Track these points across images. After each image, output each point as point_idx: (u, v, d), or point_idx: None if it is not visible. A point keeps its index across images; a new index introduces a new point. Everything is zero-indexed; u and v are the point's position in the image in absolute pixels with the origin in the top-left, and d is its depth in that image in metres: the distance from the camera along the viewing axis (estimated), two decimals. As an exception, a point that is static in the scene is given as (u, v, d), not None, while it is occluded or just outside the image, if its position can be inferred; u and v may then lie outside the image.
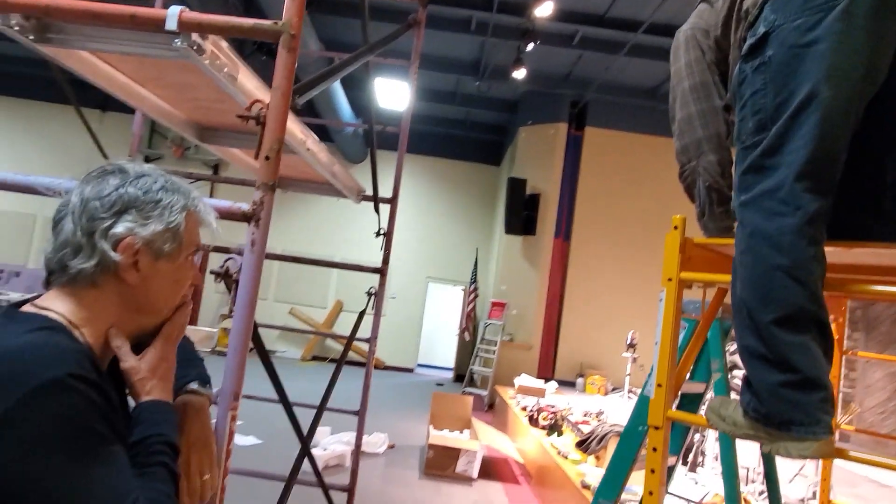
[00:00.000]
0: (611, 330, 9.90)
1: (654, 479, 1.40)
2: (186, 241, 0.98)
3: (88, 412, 0.78)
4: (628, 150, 10.54)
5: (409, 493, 4.98)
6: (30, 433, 0.73)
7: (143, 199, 0.93)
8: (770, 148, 1.20)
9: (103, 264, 0.90)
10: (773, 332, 1.14)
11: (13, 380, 0.75)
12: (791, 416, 1.15)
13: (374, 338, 3.17)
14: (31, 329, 0.83)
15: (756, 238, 1.19)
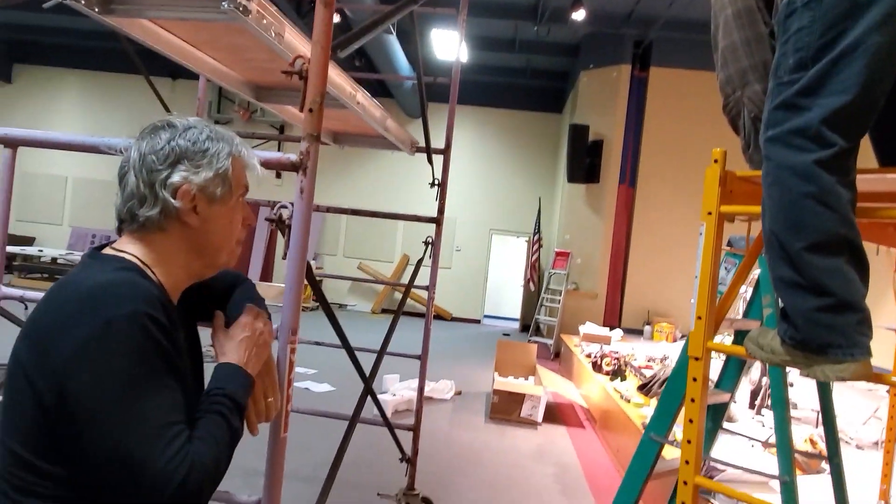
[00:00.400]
0: (679, 276, 9.70)
1: (694, 408, 1.44)
2: (235, 184, 1.07)
3: (152, 347, 0.89)
4: (696, 89, 10.06)
5: (475, 436, 5.17)
6: (100, 357, 0.85)
7: (193, 150, 1.02)
8: (806, 88, 1.16)
9: (166, 211, 1.00)
10: (806, 258, 1.14)
11: (95, 311, 0.87)
12: (829, 340, 1.16)
13: (433, 285, 3.28)
14: (112, 269, 0.95)
15: (783, 170, 1.18)
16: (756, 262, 1.72)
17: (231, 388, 1.02)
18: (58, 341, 0.86)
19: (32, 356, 0.88)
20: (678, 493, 1.47)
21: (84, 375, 0.84)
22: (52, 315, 0.90)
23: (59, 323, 0.88)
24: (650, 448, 2.11)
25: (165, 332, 0.91)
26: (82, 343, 0.85)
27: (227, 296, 1.31)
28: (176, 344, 0.94)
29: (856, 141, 1.16)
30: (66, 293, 0.92)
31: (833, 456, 2.02)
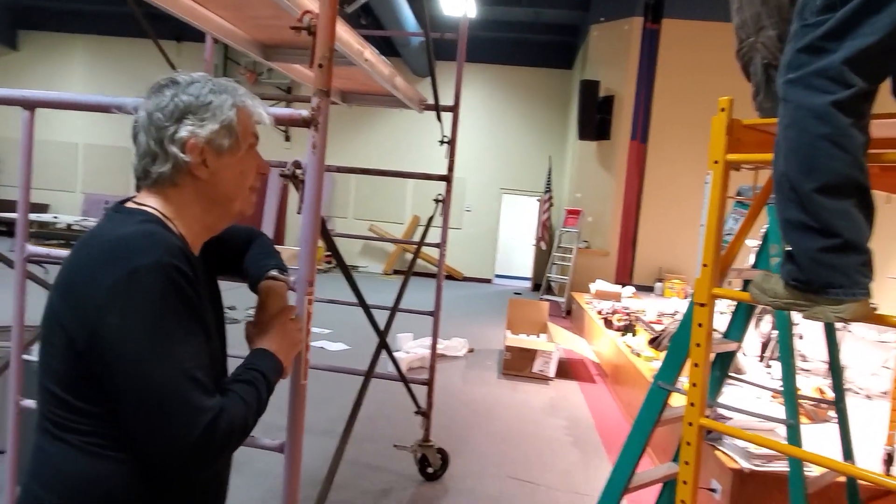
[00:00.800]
0: (690, 233, 9.66)
1: (700, 353, 1.48)
2: (242, 134, 1.08)
3: (177, 295, 0.92)
4: (710, 41, 9.84)
5: (488, 391, 5.27)
6: (127, 302, 0.89)
7: (197, 104, 1.03)
8: (833, 31, 1.15)
9: (177, 166, 1.03)
10: (816, 199, 1.16)
11: (121, 260, 0.91)
12: (831, 280, 1.19)
13: (444, 242, 3.31)
14: (136, 221, 0.99)
15: (801, 111, 1.19)
16: (763, 211, 1.73)
17: (264, 367, 1.08)
18: (87, 290, 0.91)
19: (65, 305, 0.93)
20: (683, 434, 1.52)
21: (113, 320, 0.88)
22: (82, 266, 0.94)
23: (87, 273, 0.92)
24: (658, 395, 2.16)
25: (189, 282, 0.95)
26: (110, 290, 0.89)
27: (244, 251, 1.35)
28: (200, 294, 0.98)
29: (876, 84, 1.17)
30: (94, 245, 0.96)
31: (839, 401, 2.07)
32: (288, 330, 1.18)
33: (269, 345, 1.13)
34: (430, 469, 3.42)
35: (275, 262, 1.31)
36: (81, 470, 0.93)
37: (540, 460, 3.86)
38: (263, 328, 1.17)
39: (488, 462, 3.76)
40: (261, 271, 1.27)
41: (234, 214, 1.14)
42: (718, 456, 2.86)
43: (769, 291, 1.34)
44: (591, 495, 3.43)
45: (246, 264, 1.32)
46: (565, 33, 12.48)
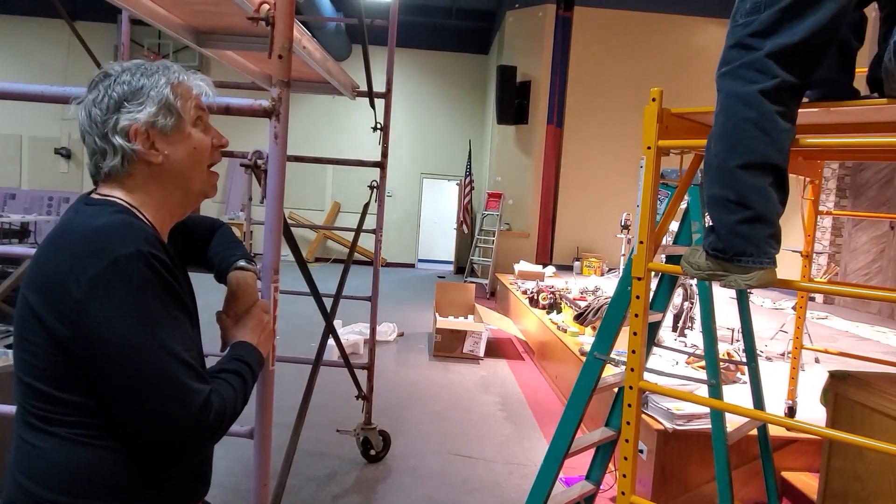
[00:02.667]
0: (605, 213, 10.14)
1: (638, 322, 1.62)
2: (184, 109, 1.07)
3: (159, 282, 0.94)
4: (619, 28, 10.30)
5: (421, 374, 5.38)
6: (111, 293, 0.89)
7: (130, 90, 1.02)
8: (758, 30, 1.31)
9: (127, 156, 1.03)
10: (738, 175, 1.32)
11: (100, 251, 0.91)
12: (743, 249, 1.35)
13: (380, 228, 3.36)
14: (108, 213, 0.99)
15: (730, 98, 1.34)
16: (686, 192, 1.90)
17: (248, 358, 1.11)
18: (67, 284, 0.90)
19: (42, 300, 0.92)
20: (624, 397, 1.66)
21: (97, 311, 0.89)
22: (57, 259, 0.93)
23: (65, 265, 0.92)
24: (594, 365, 2.31)
25: (168, 270, 0.96)
26: (92, 282, 0.89)
27: (207, 241, 1.36)
28: (179, 281, 1.00)
29: (799, 78, 1.30)
30: (68, 237, 0.96)
31: (751, 361, 2.30)
32: (265, 322, 1.21)
33: (251, 338, 1.16)
34: (373, 451, 3.49)
35: (240, 251, 1.33)
36: (72, 461, 0.93)
37: (477, 435, 4.01)
38: (240, 320, 1.19)
39: (428, 440, 3.86)
40: (228, 262, 1.29)
41: (195, 195, 1.13)
42: (644, 419, 3.09)
43: (694, 265, 1.49)
44: (527, 465, 3.61)
45: (210, 254, 1.34)
46: (481, 19, 12.64)
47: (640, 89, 10.31)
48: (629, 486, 1.66)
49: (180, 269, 1.13)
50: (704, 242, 1.46)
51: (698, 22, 10.39)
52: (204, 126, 1.12)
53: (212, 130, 1.14)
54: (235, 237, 1.39)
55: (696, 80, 10.37)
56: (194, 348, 0.99)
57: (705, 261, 1.45)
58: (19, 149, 12.84)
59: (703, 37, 10.43)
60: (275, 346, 1.39)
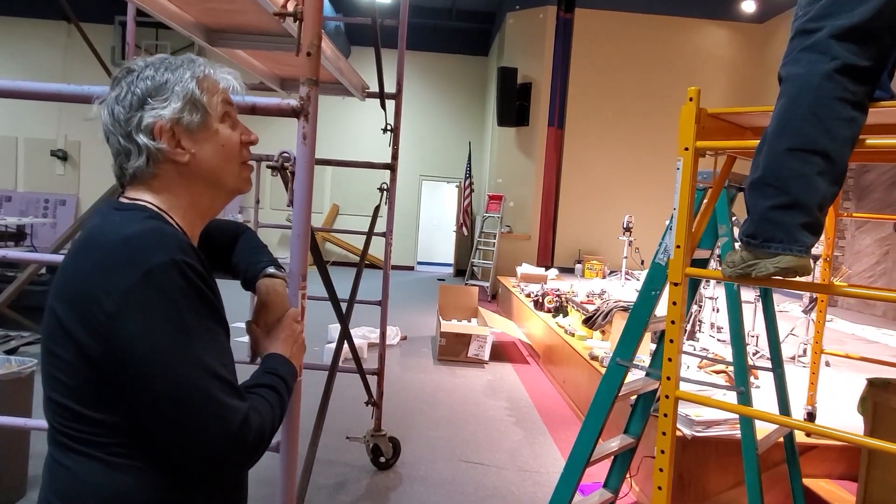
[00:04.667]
0: (607, 215, 10.10)
1: (674, 329, 1.57)
2: (211, 105, 1.01)
3: (195, 293, 0.88)
4: (620, 31, 10.28)
5: (427, 378, 5.31)
6: (145, 305, 0.84)
7: (153, 86, 0.97)
8: (818, 15, 1.26)
9: (153, 156, 0.97)
10: (782, 159, 1.26)
11: (132, 261, 0.85)
12: (772, 234, 1.29)
13: (390, 231, 3.30)
14: (138, 219, 0.92)
15: (789, 82, 1.29)
16: (719, 194, 1.85)
17: (282, 371, 1.05)
18: (97, 294, 0.84)
19: (71, 314, 0.86)
20: (661, 406, 1.61)
21: (130, 326, 0.83)
22: (87, 269, 0.87)
23: (95, 277, 0.86)
24: (617, 372, 2.26)
25: (203, 279, 0.90)
26: (125, 295, 0.83)
27: (231, 246, 1.30)
28: (214, 290, 0.94)
29: (864, 60, 1.23)
30: (98, 247, 0.89)
31: (776, 366, 2.25)
32: (297, 333, 1.15)
33: (284, 349, 1.10)
34: (383, 458, 3.42)
35: (267, 258, 1.27)
36: (105, 482, 0.87)
37: (487, 441, 3.95)
38: (271, 331, 1.13)
39: (438, 447, 3.80)
40: (255, 269, 1.23)
41: (229, 192, 1.07)
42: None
43: (730, 264, 1.43)
44: (538, 472, 3.55)
45: (235, 260, 1.28)
46: (481, 20, 12.60)
47: (641, 91, 10.29)
48: (665, 498, 1.61)
49: (212, 276, 1.07)
50: (740, 232, 1.40)
51: (699, 24, 10.37)
52: (232, 122, 1.05)
53: (240, 126, 1.07)
54: (260, 242, 1.33)
55: (697, 83, 10.34)
56: (230, 362, 0.93)
57: (740, 255, 1.39)
58: (15, 151, 12.72)
59: (704, 40, 10.41)
60: (302, 357, 1.33)
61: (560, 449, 3.89)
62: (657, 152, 10.38)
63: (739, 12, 9.98)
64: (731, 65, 10.41)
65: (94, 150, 12.19)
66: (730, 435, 2.84)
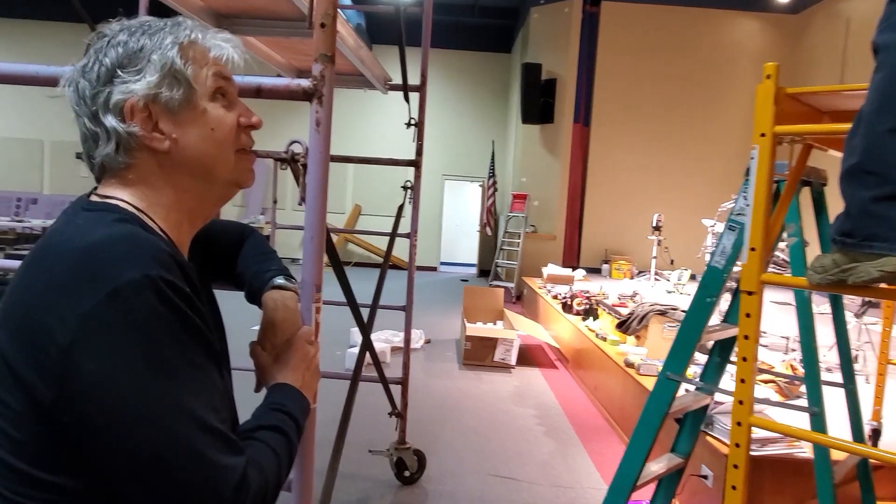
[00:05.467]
0: (634, 214, 9.81)
1: (748, 346, 1.35)
2: (197, 78, 0.80)
3: (176, 319, 0.69)
4: (648, 24, 9.97)
5: (452, 384, 5.12)
6: (110, 337, 0.64)
7: (125, 54, 0.77)
8: None
9: (123, 141, 0.77)
10: (884, 141, 1.05)
11: (95, 278, 0.65)
12: (875, 231, 1.08)
13: (415, 232, 3.11)
14: (107, 221, 0.73)
15: (887, 51, 1.07)
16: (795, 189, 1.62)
17: (291, 407, 0.86)
18: (48, 321, 0.65)
19: (16, 344, 0.67)
20: (733, 435, 1.39)
21: (90, 363, 0.64)
22: (39, 289, 0.68)
23: (46, 298, 0.67)
24: (667, 387, 2.04)
25: (187, 300, 0.71)
26: (83, 321, 0.64)
27: (235, 251, 1.11)
28: (202, 314, 0.74)
29: None
30: (53, 258, 0.70)
31: (848, 382, 2.01)
32: (310, 357, 0.96)
33: (293, 378, 0.91)
34: (408, 472, 3.23)
35: (276, 266, 1.08)
36: None
37: (517, 453, 3.74)
38: (279, 355, 0.94)
39: (465, 459, 3.60)
40: (262, 279, 1.04)
41: (223, 187, 0.86)
42: (710, 441, 2.80)
43: (818, 269, 1.21)
44: (573, 487, 3.33)
45: (240, 269, 1.09)
46: (503, 16, 12.37)
47: (670, 86, 9.98)
48: (737, 541, 1.39)
49: (205, 292, 0.87)
50: (833, 228, 1.18)
51: (731, 16, 10.02)
52: (228, 101, 0.85)
53: (239, 106, 0.86)
54: (268, 246, 1.15)
55: (728, 77, 10.01)
56: (224, 406, 0.73)
57: (832, 258, 1.17)
58: (41, 154, 12.81)
59: (736, 31, 10.06)
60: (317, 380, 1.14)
61: (595, 462, 3.67)
62: (687, 148, 10.06)
63: (773, 3, 9.61)
64: (764, 58, 10.02)
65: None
66: (787, 454, 2.60)
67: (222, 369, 0.78)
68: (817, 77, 9.21)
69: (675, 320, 4.01)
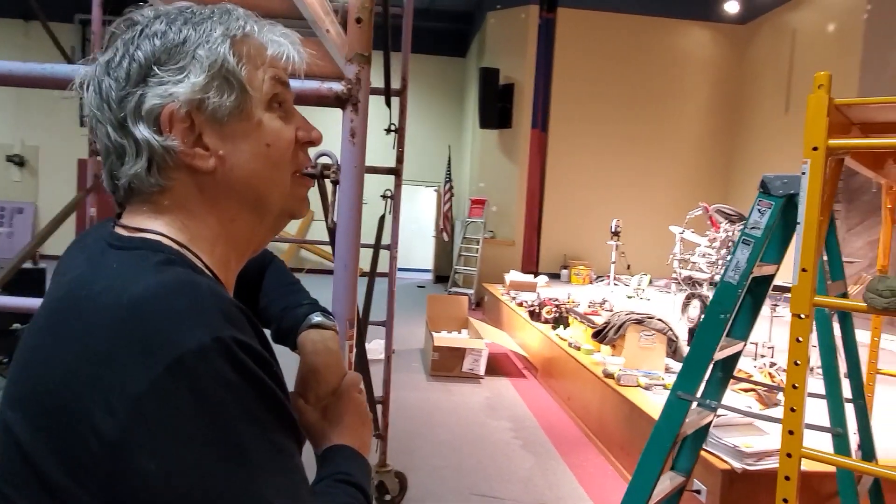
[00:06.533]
0: (593, 219, 9.89)
1: (800, 372, 1.27)
2: (252, 81, 0.65)
3: (256, 393, 0.53)
4: (604, 31, 10.09)
5: (422, 396, 4.97)
6: (174, 424, 0.48)
7: (163, 47, 0.61)
8: None
9: (157, 158, 0.61)
10: None
11: (147, 348, 0.49)
12: None
13: (395, 243, 2.96)
14: (152, 264, 0.56)
15: None
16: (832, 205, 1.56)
17: (358, 477, 0.71)
18: (89, 407, 0.48)
19: (40, 434, 0.50)
20: (781, 468, 1.31)
21: (150, 463, 0.47)
22: (68, 360, 0.51)
23: (84, 375, 0.50)
24: (678, 408, 1.97)
25: (265, 365, 0.55)
26: (136, 406, 0.48)
27: (257, 284, 0.95)
28: (280, 379, 0.58)
29: None
30: (86, 319, 0.52)
31: (857, 397, 1.97)
32: (363, 410, 0.80)
33: (350, 438, 0.75)
34: (389, 496, 3.07)
35: (307, 299, 0.92)
36: None
37: (497, 470, 3.62)
38: (327, 409, 0.78)
39: (445, 478, 3.46)
40: (295, 315, 0.88)
41: (277, 218, 0.70)
42: (703, 455, 2.75)
43: (885, 292, 1.14)
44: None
45: (264, 303, 0.93)
46: (458, 21, 12.31)
47: (626, 92, 10.12)
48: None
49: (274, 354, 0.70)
50: None
51: (683, 25, 10.25)
52: (284, 111, 0.69)
53: (296, 117, 0.70)
54: (293, 276, 0.98)
55: (680, 84, 10.24)
56: (310, 497, 0.58)
57: None
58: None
59: (687, 40, 10.30)
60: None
61: (576, 475, 3.59)
62: (644, 154, 10.23)
63: (722, 13, 9.88)
64: (714, 66, 10.31)
65: (54, 156, 11.53)
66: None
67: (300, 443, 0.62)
68: (764, 86, 9.51)
69: (653, 329, 3.99)
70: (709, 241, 5.73)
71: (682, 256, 6.11)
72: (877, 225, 7.36)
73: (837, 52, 7.81)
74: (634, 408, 3.49)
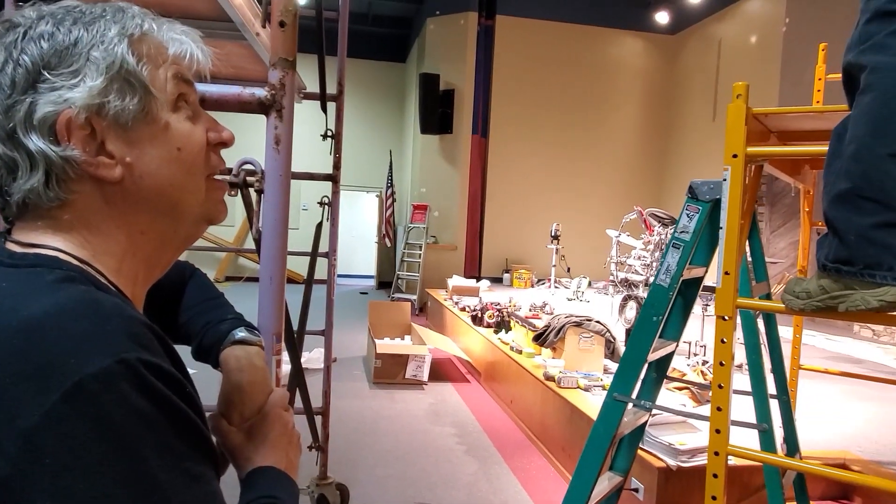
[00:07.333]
0: (533, 224, 10.04)
1: (724, 372, 1.31)
2: (154, 81, 0.60)
3: (164, 417, 0.49)
4: (541, 38, 10.28)
5: (365, 405, 4.91)
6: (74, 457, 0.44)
7: (53, 50, 0.56)
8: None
9: (56, 170, 0.56)
10: (883, 166, 1.03)
11: (42, 375, 0.45)
12: (878, 260, 1.06)
13: (334, 250, 2.91)
14: (48, 283, 0.52)
15: (878, 74, 1.05)
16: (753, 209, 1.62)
17: (284, 500, 0.67)
18: None
19: None
20: (709, 465, 1.34)
21: (45, 502, 0.43)
22: None
23: None
24: (614, 409, 2.01)
25: (177, 386, 0.51)
26: (28, 441, 0.43)
27: (177, 297, 0.91)
28: (194, 400, 0.54)
29: None
30: None
31: (781, 393, 2.06)
32: (290, 430, 0.77)
33: (276, 459, 0.72)
34: (330, 509, 3.01)
35: (231, 314, 0.88)
36: None
37: (440, 477, 3.61)
38: (252, 429, 0.75)
39: (388, 488, 3.42)
40: (218, 332, 0.84)
41: (192, 224, 0.66)
42: (640, 454, 2.82)
43: (801, 294, 1.19)
44: (501, 508, 3.25)
45: (186, 319, 0.88)
46: (397, 25, 12.30)
47: (562, 99, 10.33)
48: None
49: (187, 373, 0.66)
50: (819, 256, 1.16)
51: (616, 34, 10.56)
52: (192, 111, 0.65)
53: (204, 117, 0.67)
54: (216, 290, 0.94)
55: (614, 91, 10.54)
56: None
57: (817, 283, 1.15)
58: None
59: (621, 49, 10.61)
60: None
61: (519, 479, 3.61)
62: (582, 158, 10.47)
63: (653, 24, 10.23)
64: (646, 74, 10.66)
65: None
66: (714, 462, 2.66)
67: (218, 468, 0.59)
68: (692, 94, 9.90)
69: (591, 331, 4.07)
70: (643, 244, 5.90)
71: (618, 259, 6.27)
72: (798, 226, 7.78)
73: (760, 61, 8.20)
74: (575, 409, 3.55)
